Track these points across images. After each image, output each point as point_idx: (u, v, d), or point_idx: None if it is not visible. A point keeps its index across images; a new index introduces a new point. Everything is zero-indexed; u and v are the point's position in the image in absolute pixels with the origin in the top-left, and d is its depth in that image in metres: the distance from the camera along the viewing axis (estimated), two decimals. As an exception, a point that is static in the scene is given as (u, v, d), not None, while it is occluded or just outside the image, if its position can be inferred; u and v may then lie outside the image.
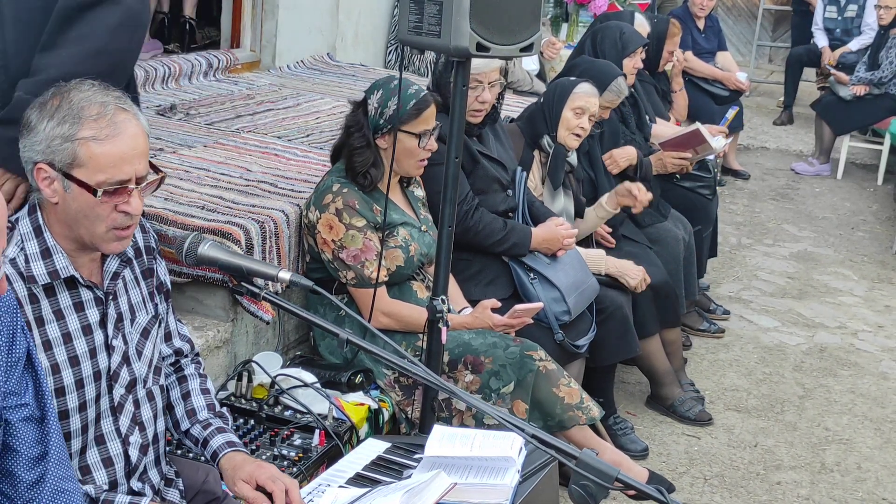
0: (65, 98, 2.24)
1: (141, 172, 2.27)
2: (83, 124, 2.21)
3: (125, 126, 2.24)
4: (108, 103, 2.25)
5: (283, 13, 6.35)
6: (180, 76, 5.77)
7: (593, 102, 4.58)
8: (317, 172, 4.27)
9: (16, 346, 2.00)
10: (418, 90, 3.71)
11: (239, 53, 6.29)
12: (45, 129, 2.22)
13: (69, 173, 2.21)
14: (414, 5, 2.97)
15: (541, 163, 4.62)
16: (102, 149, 2.21)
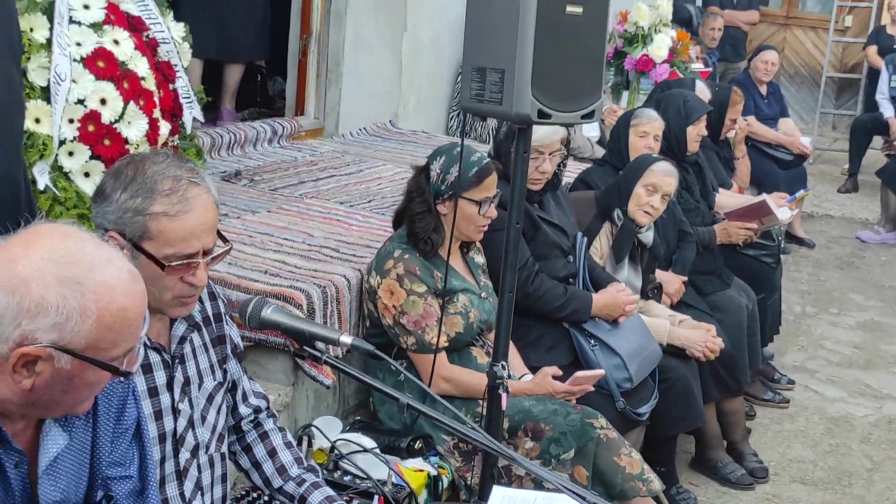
0: (139, 170, 2.27)
1: (209, 245, 2.30)
2: (155, 199, 2.23)
3: (196, 202, 2.26)
4: (181, 177, 2.27)
5: (346, 81, 6.45)
6: (245, 143, 5.86)
7: (668, 182, 4.58)
8: (378, 238, 4.30)
9: (126, 416, 2.02)
10: (480, 158, 3.73)
11: (303, 121, 6.38)
12: (119, 200, 2.25)
13: (139, 245, 2.24)
14: (476, 73, 3.00)
15: (609, 234, 4.62)
16: (173, 224, 2.23)
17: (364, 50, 6.52)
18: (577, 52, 2.98)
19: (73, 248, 1.76)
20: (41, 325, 1.70)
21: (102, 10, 3.91)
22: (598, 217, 4.63)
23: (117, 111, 3.81)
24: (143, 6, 4.17)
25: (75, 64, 3.80)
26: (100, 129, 3.80)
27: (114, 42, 3.89)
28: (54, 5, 3.81)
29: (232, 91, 6.49)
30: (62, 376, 1.75)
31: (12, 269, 1.71)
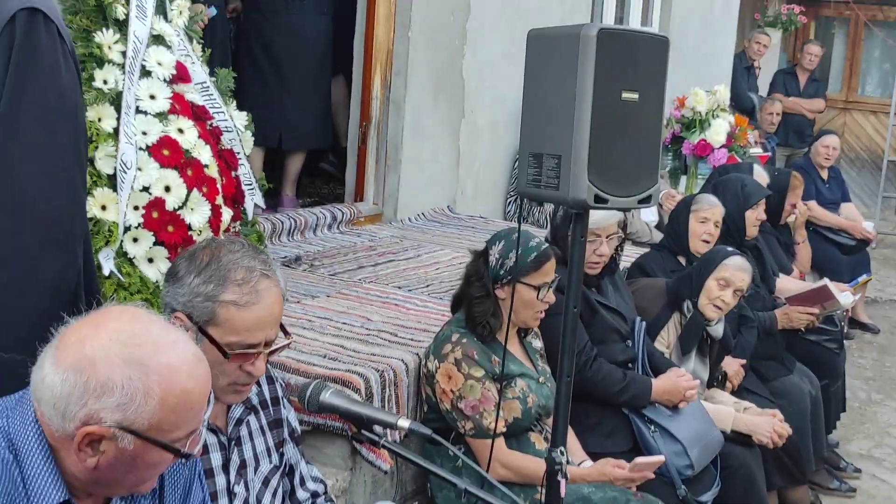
0: (214, 256, 2.32)
1: (271, 337, 2.34)
2: (227, 287, 2.27)
3: (266, 294, 2.30)
4: (255, 269, 2.31)
5: (405, 168, 6.52)
6: (306, 229, 5.94)
7: (741, 277, 4.56)
8: (436, 322, 4.31)
9: (191, 498, 2.03)
10: (539, 243, 3.75)
11: (362, 207, 6.45)
12: (191, 283, 2.29)
13: (204, 329, 2.28)
14: (532, 158, 3.03)
15: (678, 325, 4.59)
16: (241, 314, 2.27)
17: (423, 137, 6.61)
18: (634, 138, 3.00)
19: (139, 330, 1.79)
20: (106, 404, 1.73)
21: (168, 100, 4.01)
22: (668, 306, 4.60)
23: (181, 198, 3.89)
24: (208, 95, 4.28)
25: (141, 152, 3.89)
26: (164, 216, 3.88)
27: (178, 131, 3.99)
28: (122, 95, 3.92)
29: (293, 178, 6.59)
30: (125, 456, 1.77)
31: (80, 350, 1.75)
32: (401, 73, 6.39)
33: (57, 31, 2.22)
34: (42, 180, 2.17)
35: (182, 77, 4.11)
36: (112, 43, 3.95)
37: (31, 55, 2.15)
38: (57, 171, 2.20)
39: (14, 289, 2.14)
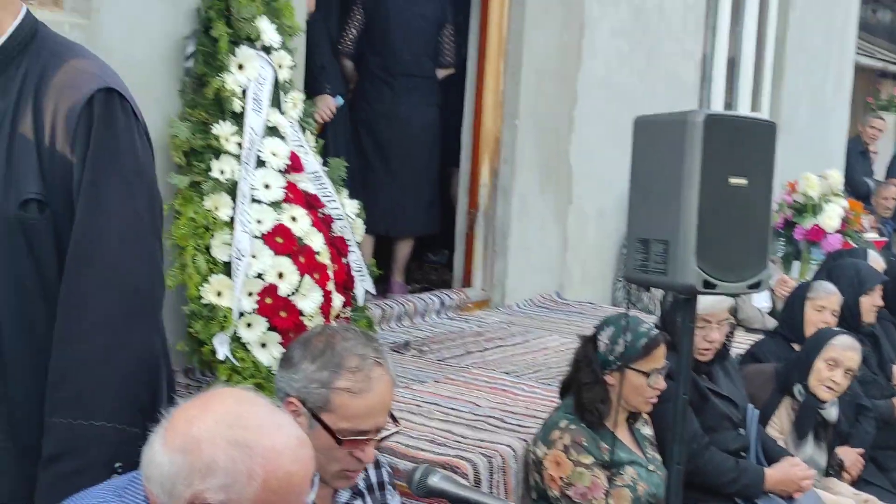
0: (329, 344, 2.37)
1: (382, 424, 2.37)
2: (342, 375, 2.33)
3: (378, 382, 2.35)
4: (368, 356, 2.36)
5: (512, 254, 6.55)
6: (415, 314, 5.99)
7: (850, 357, 4.47)
8: (544, 408, 4.29)
9: None
10: (649, 329, 3.73)
11: (470, 293, 6.49)
12: (306, 369, 2.35)
13: (318, 415, 2.32)
14: (640, 244, 3.03)
15: (791, 409, 4.50)
16: (354, 401, 2.32)
17: (530, 223, 6.64)
18: (743, 223, 2.99)
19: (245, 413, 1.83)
20: (210, 485, 1.76)
21: (282, 189, 4.13)
22: (778, 391, 4.52)
23: (293, 284, 3.98)
24: (320, 185, 4.38)
25: (255, 240, 4.00)
26: (277, 302, 3.97)
27: (291, 219, 4.10)
28: (238, 185, 4.05)
29: (402, 265, 6.67)
30: None
31: (188, 430, 1.79)
32: (508, 160, 6.46)
33: (131, 110, 2.31)
34: (125, 250, 2.24)
35: (295, 167, 4.23)
36: (229, 135, 4.09)
37: (111, 133, 2.24)
38: (138, 241, 2.27)
39: (103, 357, 2.19)
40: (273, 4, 4.35)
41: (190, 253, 3.94)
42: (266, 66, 4.23)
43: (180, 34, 4.24)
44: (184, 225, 3.97)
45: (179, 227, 3.98)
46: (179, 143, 4.07)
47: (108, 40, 4.01)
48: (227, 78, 4.09)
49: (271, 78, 4.24)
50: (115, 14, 4.04)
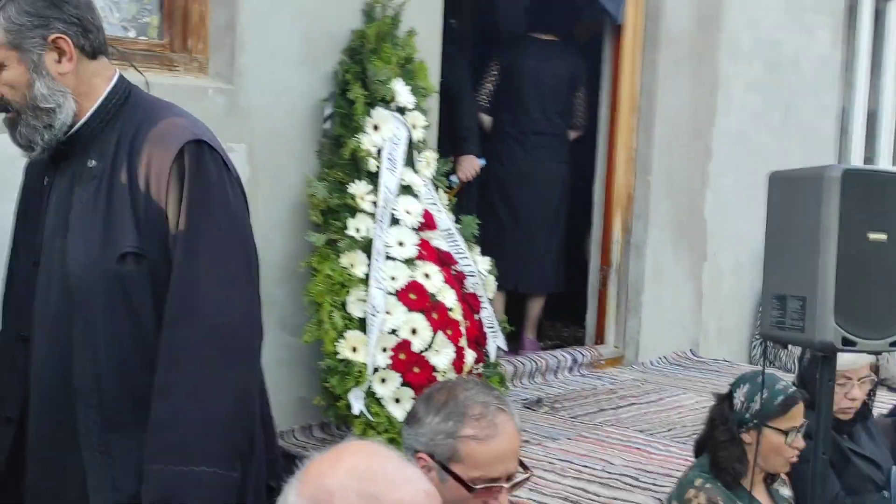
0: (450, 395, 2.40)
1: (511, 471, 2.38)
2: (466, 423, 2.35)
3: (503, 427, 2.37)
4: (490, 403, 2.39)
5: (646, 311, 6.50)
6: (547, 371, 5.98)
7: None
8: (679, 467, 4.23)
9: None
10: (786, 386, 3.65)
11: (603, 350, 6.45)
12: (430, 422, 2.38)
13: (447, 467, 2.35)
14: (776, 300, 2.99)
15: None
16: (481, 448, 2.34)
17: (664, 280, 6.59)
18: (883, 278, 2.92)
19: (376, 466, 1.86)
20: None
21: (415, 247, 4.20)
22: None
23: (426, 340, 4.03)
24: (453, 242, 4.44)
25: (390, 296, 4.07)
26: (410, 358, 4.02)
27: (425, 276, 4.16)
28: (373, 243, 4.13)
29: (534, 321, 6.67)
30: None
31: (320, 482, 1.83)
32: (641, 216, 6.43)
33: (222, 161, 2.38)
34: (221, 297, 2.29)
35: (429, 224, 4.30)
36: (365, 193, 4.19)
37: (203, 184, 2.32)
38: (235, 289, 2.33)
39: (203, 404, 2.25)
40: (408, 67, 4.46)
41: (326, 309, 4.03)
42: (400, 127, 4.33)
43: (318, 97, 4.37)
44: (320, 282, 4.06)
45: (316, 283, 4.07)
46: (317, 202, 4.18)
47: (250, 104, 4.17)
48: (362, 138, 4.19)
49: (405, 138, 4.33)
50: (257, 79, 4.20)
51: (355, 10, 4.47)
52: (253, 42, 4.18)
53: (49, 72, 2.38)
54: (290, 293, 4.27)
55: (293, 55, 4.32)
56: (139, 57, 3.89)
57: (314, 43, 4.37)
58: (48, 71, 2.38)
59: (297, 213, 4.32)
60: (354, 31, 4.42)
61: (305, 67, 4.36)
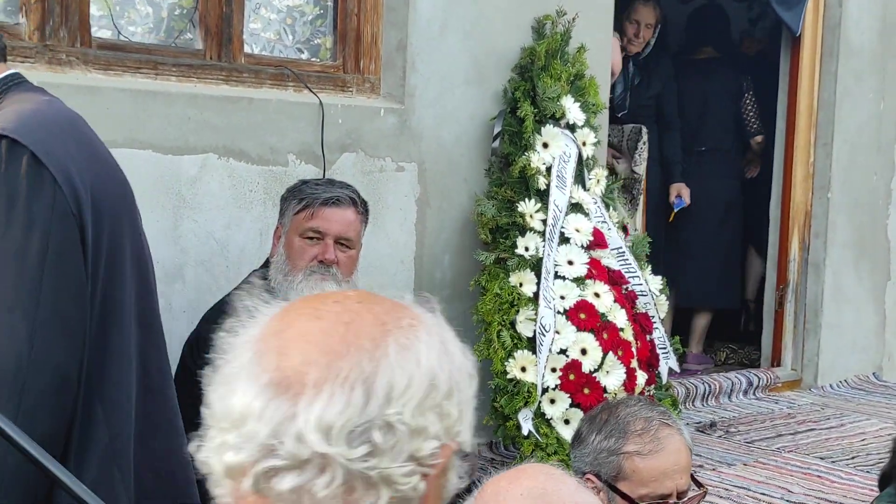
0: (612, 412, 2.38)
1: (682, 487, 2.31)
2: (628, 439, 2.31)
3: (668, 441, 2.31)
4: (653, 419, 2.34)
5: (825, 332, 6.27)
6: (720, 394, 5.83)
7: None
8: (863, 497, 4.05)
9: None
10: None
11: (780, 372, 6.25)
12: (594, 441, 2.35)
13: (614, 485, 2.30)
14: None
15: None
16: (646, 463, 2.29)
17: (844, 300, 6.34)
18: None
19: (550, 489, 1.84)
20: None
21: (585, 266, 4.15)
22: None
23: (597, 361, 3.98)
24: (623, 261, 4.38)
25: (559, 316, 4.03)
26: (580, 378, 3.97)
27: (595, 295, 4.10)
28: (542, 262, 4.10)
29: (699, 336, 6.56)
30: None
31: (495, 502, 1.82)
32: (820, 234, 6.22)
33: (30, 158, 2.07)
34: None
35: (599, 243, 4.25)
36: (534, 212, 4.17)
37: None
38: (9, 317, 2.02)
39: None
40: (578, 83, 4.42)
41: (495, 328, 4.02)
42: (570, 144, 4.29)
43: (487, 115, 4.37)
44: (489, 300, 4.05)
45: (485, 302, 4.07)
46: (486, 220, 4.18)
47: (420, 124, 4.20)
48: (532, 156, 4.17)
49: (575, 155, 4.29)
50: (427, 99, 4.23)
51: (524, 28, 4.45)
52: (423, 62, 4.21)
53: None
54: (459, 312, 4.27)
55: (463, 74, 4.33)
56: (313, 79, 3.98)
57: (483, 61, 4.38)
58: None
59: (467, 232, 4.33)
60: (524, 48, 4.41)
61: (475, 86, 4.37)
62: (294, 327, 1.16)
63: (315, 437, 1.07)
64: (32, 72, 3.27)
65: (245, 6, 3.86)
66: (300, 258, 3.27)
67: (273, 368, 1.11)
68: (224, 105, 3.69)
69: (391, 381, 1.11)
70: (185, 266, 3.60)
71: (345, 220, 3.30)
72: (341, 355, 1.11)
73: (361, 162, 4.03)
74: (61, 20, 3.38)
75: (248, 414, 1.10)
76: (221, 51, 3.78)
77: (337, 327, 1.15)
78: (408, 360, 1.15)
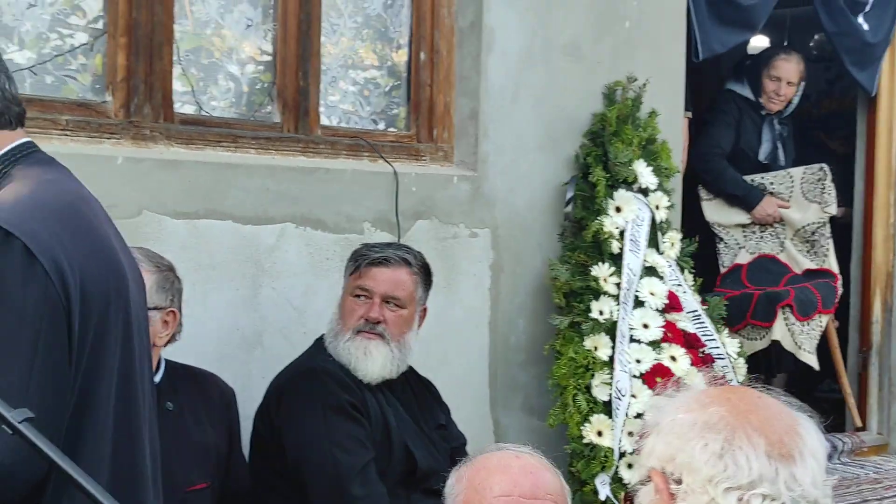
0: None
1: None
2: None
3: None
4: None
5: (910, 394, 6.16)
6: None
7: None
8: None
9: None
10: None
11: (865, 436, 6.12)
12: None
13: None
14: None
15: None
16: None
17: (930, 362, 6.22)
18: None
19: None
20: None
21: (661, 329, 4.15)
22: None
23: (673, 424, 3.94)
24: (699, 323, 4.36)
25: (635, 380, 4.03)
26: (657, 443, 3.93)
27: (671, 358, 4.09)
28: (617, 325, 4.11)
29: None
30: None
31: None
32: (902, 295, 6.13)
33: (21, 248, 2.07)
34: None
35: (674, 306, 4.24)
36: (608, 275, 4.18)
37: None
38: None
39: None
40: (650, 147, 4.45)
41: (570, 392, 4.02)
42: (643, 208, 4.31)
43: (559, 180, 4.41)
44: (564, 365, 4.06)
45: (560, 366, 4.07)
46: (560, 284, 4.20)
47: (493, 190, 4.25)
48: (605, 220, 4.19)
49: (648, 218, 4.31)
50: (499, 166, 4.28)
51: (595, 94, 4.50)
52: (495, 129, 4.27)
53: None
54: (534, 376, 4.28)
55: (534, 140, 4.38)
56: (387, 148, 4.06)
57: (555, 128, 4.43)
58: None
59: (540, 297, 4.34)
60: (595, 114, 4.45)
61: (546, 152, 4.41)
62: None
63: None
64: (118, 147, 3.42)
65: (321, 80, 3.97)
66: (349, 317, 3.34)
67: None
68: (301, 176, 3.78)
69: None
70: (264, 333, 3.67)
71: (393, 280, 3.36)
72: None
73: (435, 229, 4.09)
74: (145, 97, 3.51)
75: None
76: (298, 123, 3.88)
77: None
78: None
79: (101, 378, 2.18)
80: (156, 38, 3.52)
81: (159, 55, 3.54)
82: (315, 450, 3.20)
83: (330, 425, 3.21)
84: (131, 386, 2.26)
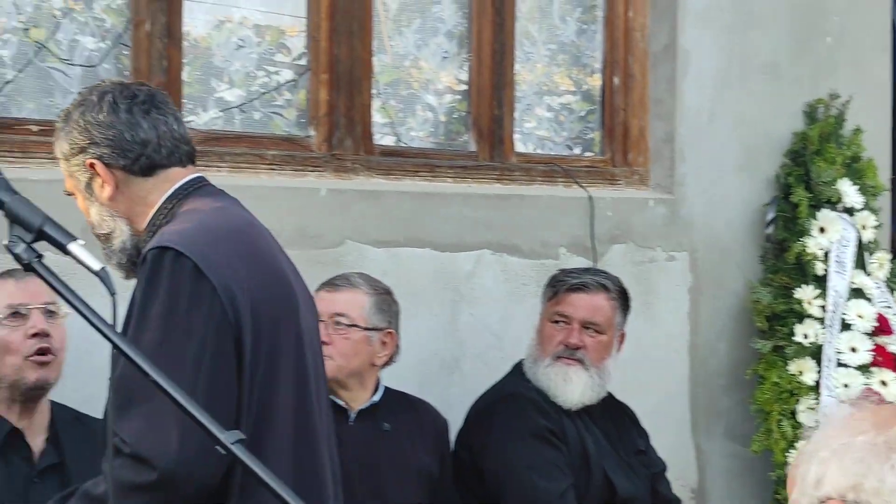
0: None
1: None
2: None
3: None
4: None
5: None
6: None
7: None
8: None
9: None
10: None
11: None
12: None
13: None
14: None
15: None
16: None
17: None
18: None
19: None
20: None
21: (870, 353, 4.01)
22: None
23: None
24: (910, 347, 4.18)
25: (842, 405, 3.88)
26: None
27: (881, 383, 3.95)
28: (822, 349, 3.99)
29: None
30: None
31: None
32: None
33: (193, 268, 2.16)
34: (140, 425, 2.10)
35: (884, 329, 4.09)
36: (812, 298, 4.07)
37: (148, 290, 2.17)
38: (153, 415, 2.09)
39: None
40: (854, 166, 4.31)
41: (775, 418, 3.93)
42: (849, 228, 4.18)
43: (759, 202, 4.32)
44: (767, 390, 3.98)
45: (763, 391, 3.99)
46: (761, 307, 4.11)
47: (690, 212, 4.20)
48: (808, 242, 4.09)
49: (854, 239, 4.17)
50: (697, 187, 4.23)
51: (796, 113, 4.39)
52: (692, 152, 4.23)
53: (97, 197, 2.32)
54: (736, 402, 4.20)
55: (732, 162, 4.31)
56: (582, 173, 4.08)
57: (754, 148, 4.34)
58: (96, 196, 2.32)
59: (741, 320, 4.26)
60: (796, 133, 4.35)
61: (745, 173, 4.33)
62: None
63: None
64: (321, 179, 3.55)
65: (515, 107, 4.02)
66: (548, 343, 3.36)
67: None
68: (497, 203, 3.84)
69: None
70: (463, 358, 3.73)
71: (592, 305, 3.37)
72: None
73: (631, 253, 4.07)
74: (347, 130, 3.64)
75: None
76: (493, 151, 3.94)
77: None
78: None
79: (277, 390, 2.25)
80: (355, 72, 3.65)
81: (359, 89, 3.66)
82: (514, 475, 3.23)
83: (529, 451, 3.24)
84: (306, 404, 2.33)
